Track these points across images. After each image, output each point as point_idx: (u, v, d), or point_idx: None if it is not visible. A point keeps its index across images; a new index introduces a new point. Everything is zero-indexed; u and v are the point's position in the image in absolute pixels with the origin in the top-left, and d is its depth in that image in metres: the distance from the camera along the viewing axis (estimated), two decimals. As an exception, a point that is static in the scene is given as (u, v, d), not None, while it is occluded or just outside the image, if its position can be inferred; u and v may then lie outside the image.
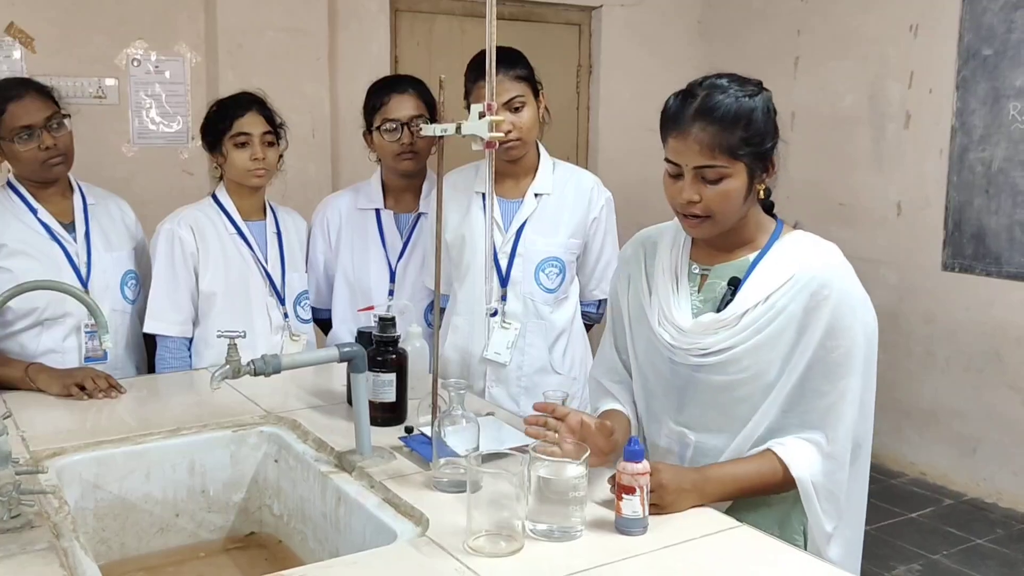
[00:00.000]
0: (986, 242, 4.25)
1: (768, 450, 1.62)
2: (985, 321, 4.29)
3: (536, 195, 2.46)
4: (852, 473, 1.66)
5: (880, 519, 4.03)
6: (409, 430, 1.91)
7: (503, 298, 2.41)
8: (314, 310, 2.71)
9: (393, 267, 2.64)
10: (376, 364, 1.99)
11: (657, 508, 1.55)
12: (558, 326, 2.47)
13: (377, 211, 2.67)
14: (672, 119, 1.65)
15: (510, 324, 2.41)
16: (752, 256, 1.70)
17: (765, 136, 1.63)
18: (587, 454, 1.52)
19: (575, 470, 1.49)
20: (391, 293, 2.63)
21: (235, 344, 1.69)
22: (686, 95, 1.64)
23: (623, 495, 1.50)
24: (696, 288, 1.76)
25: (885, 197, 4.65)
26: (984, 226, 4.25)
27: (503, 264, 2.41)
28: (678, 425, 1.76)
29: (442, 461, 1.69)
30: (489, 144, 1.77)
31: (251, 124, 2.49)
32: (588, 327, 2.65)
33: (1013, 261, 4.16)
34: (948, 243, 4.40)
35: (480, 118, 1.74)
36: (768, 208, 1.76)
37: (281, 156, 2.58)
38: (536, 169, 2.48)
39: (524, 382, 2.45)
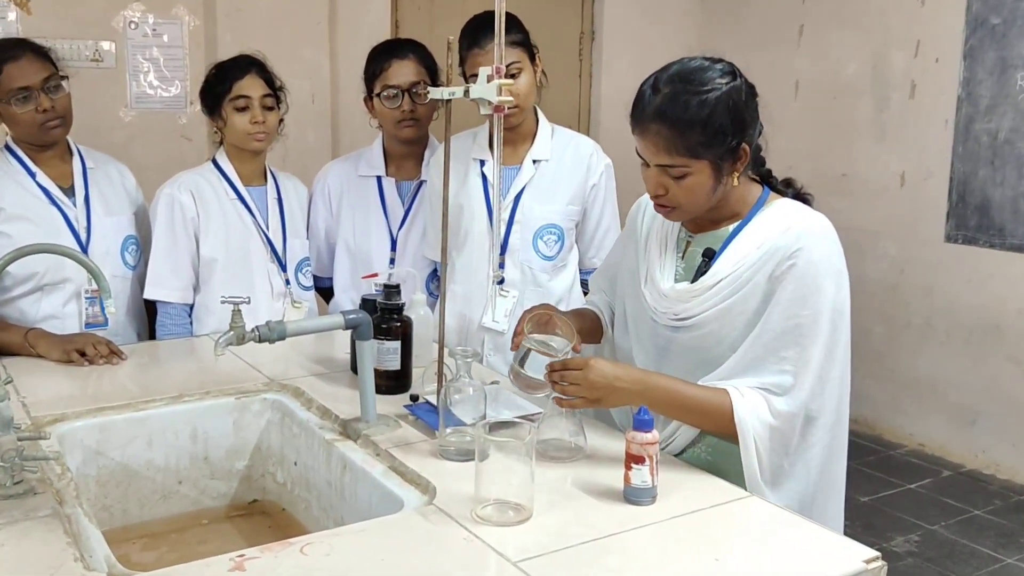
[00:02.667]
0: (990, 214, 4.22)
1: (724, 389, 1.61)
2: (986, 293, 4.27)
3: (534, 161, 2.43)
4: (821, 445, 1.63)
5: (878, 490, 4.04)
6: (415, 398, 1.90)
7: (501, 266, 2.39)
8: (315, 278, 2.69)
9: (394, 235, 2.61)
10: (381, 332, 1.97)
11: (586, 402, 1.61)
12: (556, 294, 2.44)
13: (378, 178, 2.64)
14: (633, 116, 1.65)
15: (508, 292, 2.39)
16: (732, 227, 1.70)
17: (728, 134, 1.59)
18: (577, 339, 1.69)
19: (561, 341, 1.69)
20: (392, 262, 2.60)
21: (239, 310, 1.67)
22: (652, 89, 1.62)
23: (632, 464, 1.49)
24: (681, 254, 1.76)
25: (888, 168, 4.62)
26: (988, 198, 4.22)
27: (500, 232, 2.38)
28: None
29: (448, 430, 1.68)
30: (498, 108, 1.73)
31: (250, 87, 2.45)
32: (587, 295, 2.62)
33: (1017, 233, 4.14)
34: (951, 215, 4.37)
35: (489, 81, 1.71)
36: (766, 175, 1.74)
37: (282, 120, 2.54)
38: (534, 135, 2.45)
39: (523, 350, 2.43)
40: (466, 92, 1.73)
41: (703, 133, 1.58)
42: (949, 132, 4.34)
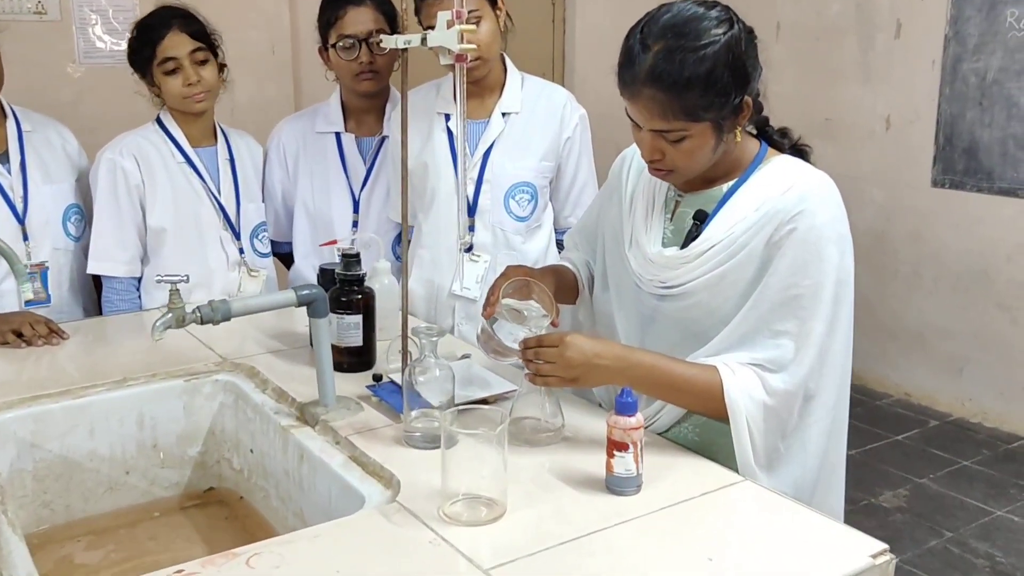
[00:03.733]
0: (978, 157, 4.09)
1: (714, 366, 1.46)
2: (974, 239, 4.16)
3: (503, 114, 2.26)
4: (821, 426, 1.49)
5: (866, 443, 3.97)
6: (378, 378, 1.75)
7: (471, 228, 2.22)
8: (274, 243, 2.52)
9: (356, 196, 2.44)
10: (340, 305, 1.82)
11: (562, 380, 1.48)
12: (531, 257, 2.28)
13: (337, 135, 2.46)
14: (622, 78, 1.46)
15: (479, 257, 2.23)
16: (727, 187, 1.54)
17: (729, 92, 1.42)
18: (556, 310, 1.58)
19: (536, 309, 1.58)
20: (355, 224, 2.43)
21: (177, 290, 1.51)
22: (642, 46, 1.43)
23: (614, 452, 1.36)
24: (669, 216, 1.61)
25: (873, 111, 4.47)
26: (976, 140, 4.09)
27: (469, 192, 2.22)
28: None
29: (414, 413, 1.54)
30: (459, 57, 1.56)
31: (175, 46, 2.23)
32: (562, 252, 2.47)
33: (1005, 176, 4.01)
34: (938, 159, 4.24)
35: (448, 27, 1.54)
36: (762, 124, 1.59)
37: (224, 68, 2.33)
38: (503, 86, 2.27)
39: (496, 319, 2.29)
40: (423, 40, 1.55)
41: (702, 94, 1.40)
42: (936, 73, 4.19)
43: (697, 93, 1.40)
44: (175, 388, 1.85)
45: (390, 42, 1.56)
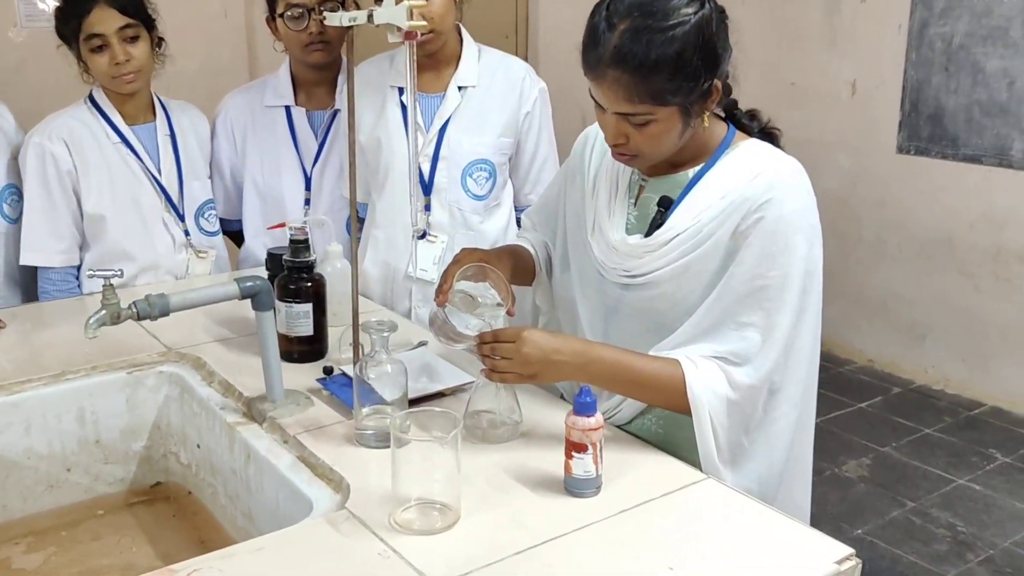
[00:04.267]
0: (943, 123, 4.06)
1: (676, 359, 1.41)
2: (938, 206, 4.15)
3: (460, 88, 2.17)
4: (787, 421, 1.44)
5: (829, 410, 3.96)
6: (329, 371, 1.68)
7: (427, 208, 2.14)
8: (224, 221, 2.42)
9: (308, 173, 2.34)
10: (288, 293, 1.74)
11: (519, 377, 1.41)
12: (490, 237, 2.21)
13: (287, 109, 2.35)
14: (586, 58, 1.38)
15: (436, 237, 2.15)
16: (693, 172, 1.47)
17: (699, 76, 1.35)
18: (511, 299, 1.50)
19: (491, 296, 1.51)
20: (308, 202, 2.34)
21: (111, 284, 1.43)
22: (607, 23, 1.35)
23: (573, 453, 1.30)
24: (633, 201, 1.54)
25: (839, 76, 4.41)
26: (942, 106, 4.05)
27: (425, 169, 2.13)
28: None
29: (365, 410, 1.47)
30: (408, 35, 1.48)
31: (102, 21, 2.06)
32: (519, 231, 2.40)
33: (970, 143, 3.99)
34: (904, 125, 4.20)
35: (396, 3, 1.45)
36: (731, 107, 1.52)
37: (161, 42, 2.18)
38: (459, 58, 2.18)
39: (455, 301, 2.21)
40: (370, 17, 1.46)
41: (670, 78, 1.33)
42: (902, 37, 4.14)
43: (664, 76, 1.33)
44: (117, 381, 1.77)
45: (334, 19, 1.47)
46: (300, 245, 1.75)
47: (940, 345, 4.23)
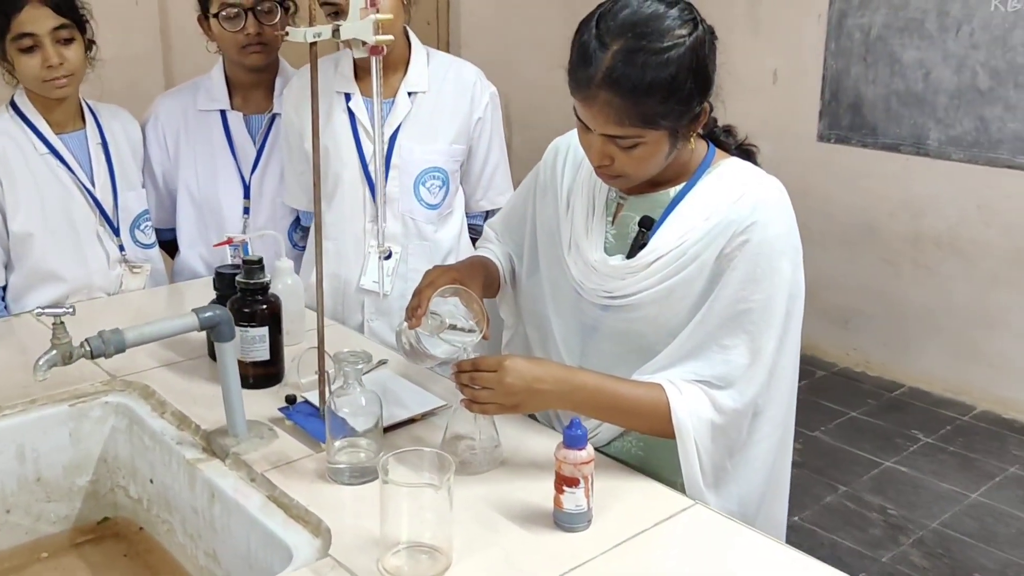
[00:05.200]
0: (862, 112, 4.15)
1: (659, 385, 1.39)
2: (859, 193, 4.25)
3: (410, 94, 2.10)
4: (768, 442, 1.45)
5: (758, 397, 4.03)
6: (291, 400, 1.61)
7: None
8: (158, 231, 2.29)
9: (247, 180, 2.24)
10: (243, 317, 1.65)
11: (501, 408, 1.38)
12: (444, 246, 2.15)
13: (222, 113, 2.24)
14: (575, 79, 1.34)
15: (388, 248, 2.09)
16: (674, 191, 1.45)
17: (692, 98, 1.33)
18: (487, 323, 1.46)
19: (466, 322, 1.47)
20: (247, 211, 2.24)
21: (62, 323, 1.32)
22: (599, 43, 1.30)
23: (564, 487, 1.27)
24: (611, 219, 1.50)
25: (762, 64, 4.46)
26: (861, 95, 4.14)
27: (379, 182, 2.06)
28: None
29: (337, 444, 1.41)
30: (375, 49, 1.41)
31: (34, 21, 1.92)
32: (479, 240, 2.35)
33: (889, 132, 4.09)
34: (824, 113, 4.28)
35: (363, 17, 1.38)
36: (710, 124, 1.50)
37: (92, 45, 2.04)
38: (407, 63, 2.10)
39: (409, 313, 2.14)
40: (335, 31, 1.39)
41: (663, 101, 1.30)
42: (822, 27, 4.21)
43: (657, 100, 1.29)
44: (59, 415, 1.66)
45: (297, 35, 1.39)
46: (254, 266, 1.66)
47: (863, 329, 4.35)
